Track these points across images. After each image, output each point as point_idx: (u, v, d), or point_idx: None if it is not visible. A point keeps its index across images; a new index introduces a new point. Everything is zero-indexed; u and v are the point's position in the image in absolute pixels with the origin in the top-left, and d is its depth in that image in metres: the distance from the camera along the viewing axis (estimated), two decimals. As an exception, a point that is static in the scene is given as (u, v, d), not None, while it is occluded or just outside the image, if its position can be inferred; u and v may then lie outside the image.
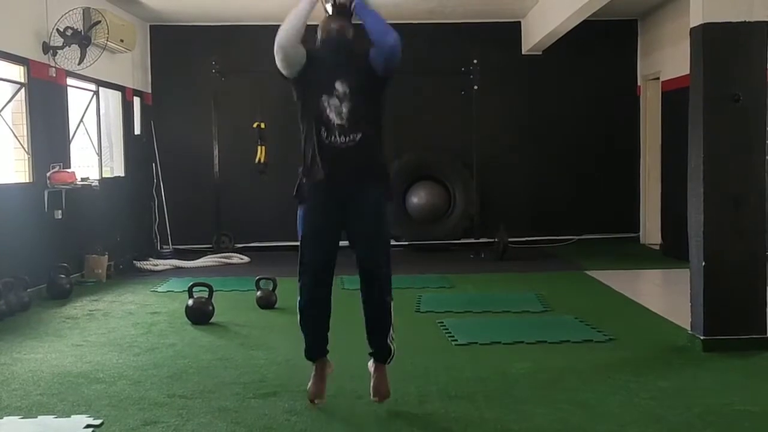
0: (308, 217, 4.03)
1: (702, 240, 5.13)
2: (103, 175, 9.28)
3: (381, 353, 4.11)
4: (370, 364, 4.16)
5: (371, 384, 4.10)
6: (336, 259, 4.06)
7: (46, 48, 7.69)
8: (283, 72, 4.03)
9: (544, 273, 8.59)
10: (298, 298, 4.10)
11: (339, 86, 3.95)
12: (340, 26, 4.08)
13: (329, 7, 4.12)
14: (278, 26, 4.07)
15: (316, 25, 4.15)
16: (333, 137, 3.93)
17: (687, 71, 5.42)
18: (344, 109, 3.93)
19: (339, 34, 4.06)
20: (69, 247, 7.99)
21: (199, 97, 10.45)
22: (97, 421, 3.93)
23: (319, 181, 3.95)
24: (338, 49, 4.06)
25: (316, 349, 4.15)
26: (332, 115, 3.93)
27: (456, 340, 5.51)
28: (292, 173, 3.74)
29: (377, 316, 4.07)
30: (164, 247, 10.51)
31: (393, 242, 4.35)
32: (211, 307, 6.33)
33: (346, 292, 7.57)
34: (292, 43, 3.98)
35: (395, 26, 4.10)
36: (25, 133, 7.44)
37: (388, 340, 4.08)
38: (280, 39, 3.98)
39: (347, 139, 3.92)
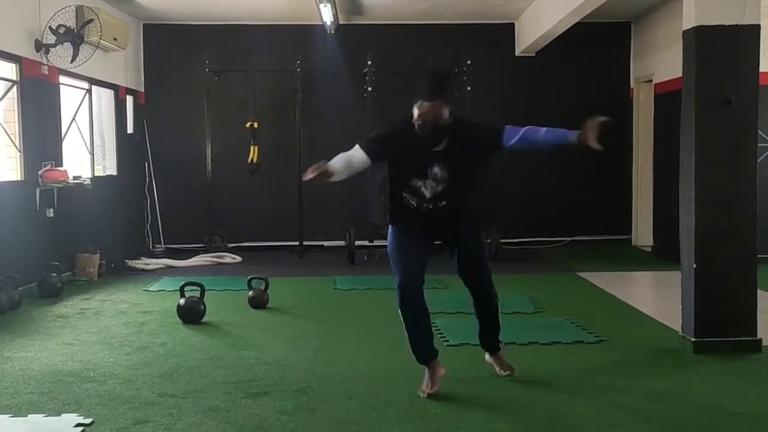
0: (400, 238, 4.34)
1: (693, 242, 5.15)
2: (96, 174, 9.26)
3: (495, 347, 4.68)
4: (487, 356, 4.71)
5: (496, 368, 4.63)
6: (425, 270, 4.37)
7: (39, 46, 7.67)
8: None
9: (536, 274, 8.60)
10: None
11: (437, 170, 4.15)
12: (432, 109, 4.13)
13: (416, 110, 4.14)
14: (272, 26, 4.08)
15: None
16: (424, 204, 4.22)
17: (680, 74, 5.43)
18: (439, 188, 4.18)
19: (433, 118, 4.12)
20: (60, 246, 7.97)
21: (192, 97, 10.44)
22: (88, 420, 3.92)
23: (409, 228, 4.33)
24: (435, 132, 4.13)
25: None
26: (426, 192, 4.20)
27: (448, 341, 5.51)
28: (284, 173, 3.81)
29: (492, 322, 4.62)
30: (156, 246, 10.48)
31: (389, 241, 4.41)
32: (202, 307, 6.32)
33: (338, 292, 7.59)
34: (348, 175, 4.23)
35: (390, 27, 4.11)
36: (17, 131, 7.42)
37: (499, 336, 4.67)
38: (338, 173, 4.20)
39: (439, 204, 4.22)
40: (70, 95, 8.74)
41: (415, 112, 4.12)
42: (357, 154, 4.17)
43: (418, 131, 4.10)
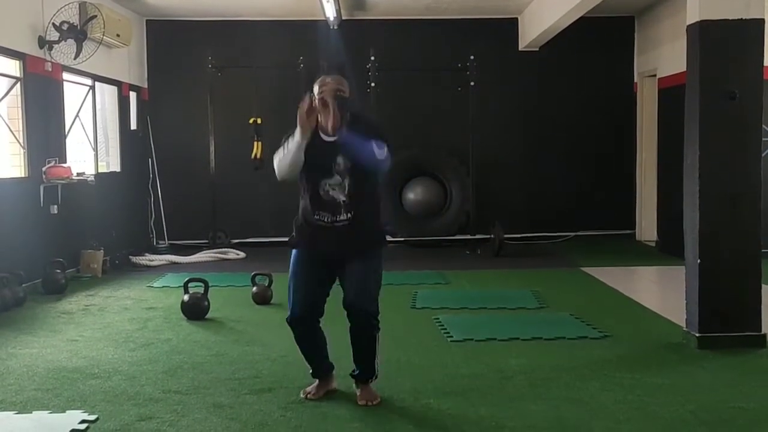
0: (299, 263, 4.14)
1: (698, 237, 5.14)
2: (99, 170, 9.27)
3: (367, 376, 4.19)
4: (355, 385, 4.23)
5: (358, 395, 4.16)
6: (324, 302, 4.14)
7: (42, 42, 7.67)
8: None
9: (540, 270, 8.59)
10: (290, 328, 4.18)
11: (340, 162, 3.98)
12: (334, 82, 4.03)
13: (316, 93, 3.99)
14: (274, 22, 4.04)
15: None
16: (329, 216, 4.01)
17: (684, 68, 5.42)
18: (346, 184, 3.99)
19: (334, 88, 4.01)
20: (65, 242, 7.98)
21: (196, 93, 10.45)
22: (92, 417, 3.93)
23: (311, 247, 4.09)
24: (340, 104, 3.99)
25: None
26: (336, 195, 4.00)
27: (451, 337, 5.51)
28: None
29: (366, 347, 4.13)
30: (160, 242, 10.50)
31: (389, 239, 4.34)
32: (206, 303, 6.32)
33: (341, 288, 7.58)
34: (293, 175, 4.07)
35: (393, 22, 4.08)
36: (21, 128, 7.43)
37: (375, 364, 4.17)
38: (282, 174, 4.11)
39: (344, 216, 4.00)
40: (74, 92, 8.75)
41: (316, 88, 3.98)
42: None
43: (318, 106, 3.92)
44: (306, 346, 4.20)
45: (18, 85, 7.38)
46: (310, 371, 4.29)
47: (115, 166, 9.83)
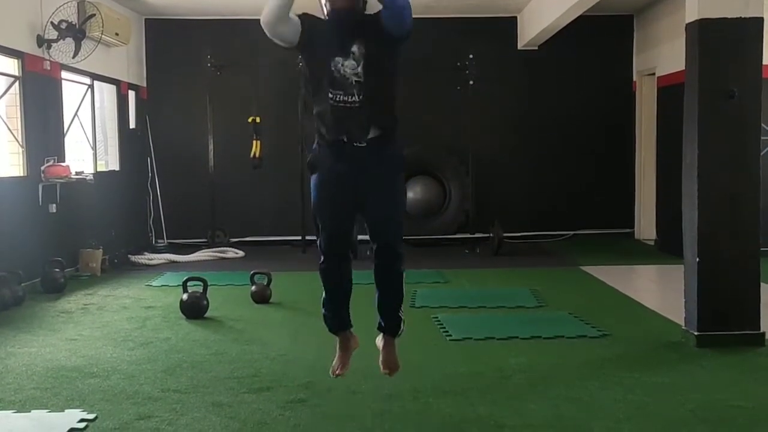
0: (321, 187, 3.86)
1: (696, 236, 5.14)
2: (98, 169, 9.27)
3: (392, 326, 3.93)
4: (379, 339, 3.98)
5: (380, 358, 3.93)
6: (353, 231, 3.93)
7: (41, 41, 7.66)
8: (282, 45, 3.86)
9: (539, 268, 8.59)
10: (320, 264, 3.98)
11: (355, 49, 3.71)
12: None
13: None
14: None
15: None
16: (347, 97, 3.71)
17: (683, 67, 5.42)
18: (360, 70, 3.70)
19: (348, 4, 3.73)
20: (63, 241, 7.97)
21: (195, 91, 10.44)
22: (91, 416, 3.93)
23: (331, 141, 3.77)
24: (349, 12, 3.75)
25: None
26: (348, 76, 3.71)
27: (450, 336, 5.51)
28: (287, 168, 3.78)
29: (393, 287, 3.88)
30: (159, 241, 10.49)
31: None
32: (205, 302, 6.32)
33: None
34: (279, 16, 3.69)
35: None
36: (20, 127, 7.42)
37: (400, 313, 3.92)
38: (265, 16, 3.70)
39: (360, 96, 3.70)
40: (73, 91, 8.74)
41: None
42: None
43: (329, 14, 3.74)
44: (333, 286, 3.93)
45: (16, 83, 7.37)
46: (328, 326, 3.99)
47: (114, 165, 9.82)
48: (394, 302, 3.89)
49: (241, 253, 9.83)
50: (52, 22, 7.72)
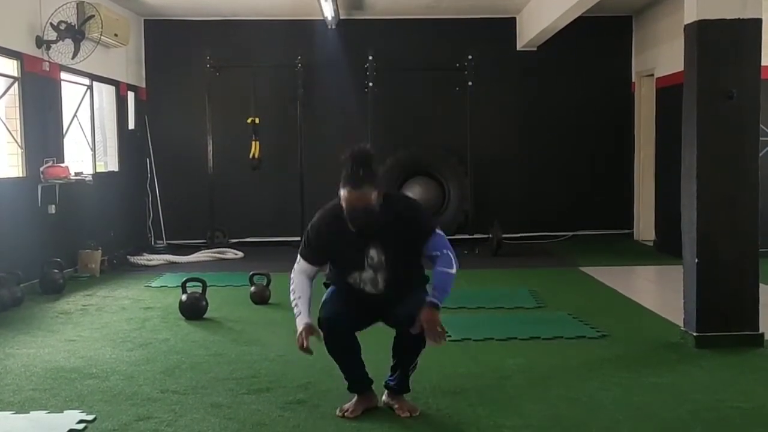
0: (338, 294, 3.96)
1: (695, 237, 5.14)
2: (97, 170, 9.27)
3: (404, 387, 4.04)
4: (387, 397, 4.05)
5: (396, 408, 3.96)
6: (360, 325, 4.00)
7: (40, 42, 7.66)
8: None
9: (538, 269, 8.59)
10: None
11: (374, 254, 3.80)
12: (360, 198, 3.68)
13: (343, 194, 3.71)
14: (272, 21, 4.01)
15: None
16: (372, 289, 3.88)
17: (681, 68, 5.42)
18: (380, 279, 3.84)
19: (362, 206, 3.69)
20: (62, 242, 7.97)
21: (194, 92, 10.45)
22: (90, 417, 3.92)
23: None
24: (366, 220, 3.73)
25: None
26: (367, 287, 3.86)
27: (449, 336, 5.49)
28: (286, 169, 3.76)
29: (411, 358, 3.97)
30: (158, 242, 10.49)
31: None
32: (204, 303, 6.32)
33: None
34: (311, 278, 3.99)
35: (391, 22, 4.03)
36: (19, 128, 7.42)
37: (410, 374, 4.03)
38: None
39: (383, 287, 3.86)
40: (72, 91, 8.74)
41: (342, 194, 3.70)
42: (305, 267, 3.90)
43: (349, 222, 3.73)
44: (338, 351, 3.94)
45: (16, 84, 7.37)
46: (346, 385, 4.03)
47: (113, 165, 9.82)
48: (409, 368, 3.98)
49: (240, 254, 9.83)
50: (51, 23, 7.72)
